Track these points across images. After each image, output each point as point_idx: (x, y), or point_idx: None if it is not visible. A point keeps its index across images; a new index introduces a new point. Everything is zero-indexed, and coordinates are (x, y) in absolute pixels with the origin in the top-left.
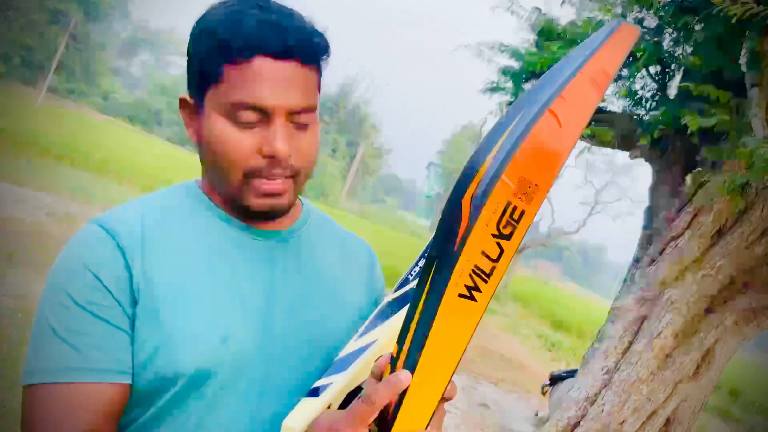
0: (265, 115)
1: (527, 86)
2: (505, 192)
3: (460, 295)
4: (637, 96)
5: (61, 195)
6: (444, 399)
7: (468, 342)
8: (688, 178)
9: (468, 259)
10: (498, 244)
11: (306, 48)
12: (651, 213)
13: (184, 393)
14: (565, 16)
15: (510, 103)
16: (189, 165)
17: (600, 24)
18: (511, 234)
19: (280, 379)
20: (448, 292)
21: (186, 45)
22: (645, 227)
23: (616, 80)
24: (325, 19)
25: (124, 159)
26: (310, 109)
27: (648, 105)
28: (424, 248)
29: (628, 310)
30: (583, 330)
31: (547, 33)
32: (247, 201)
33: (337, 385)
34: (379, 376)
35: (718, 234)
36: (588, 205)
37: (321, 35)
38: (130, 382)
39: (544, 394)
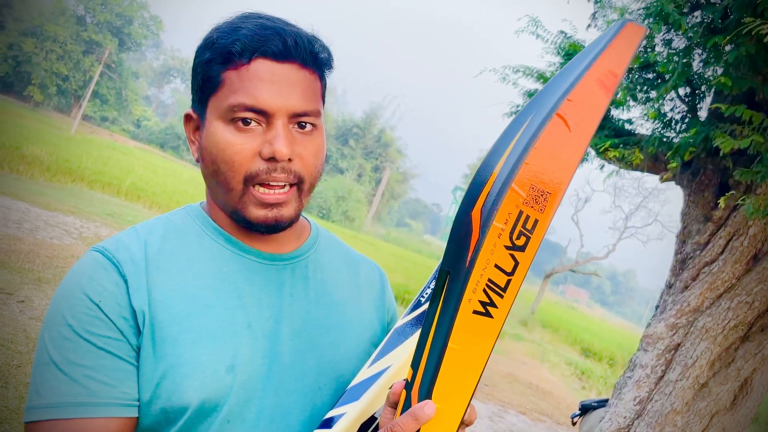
0: (265, 118)
1: None
2: (515, 201)
3: (475, 312)
4: (667, 118)
5: (92, 220)
6: (464, 424)
7: (486, 363)
8: (721, 202)
9: (481, 273)
10: (512, 255)
11: (305, 51)
12: (683, 238)
13: (189, 426)
14: (590, 38)
15: None
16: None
17: None
18: (525, 245)
19: (289, 409)
20: (463, 309)
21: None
22: (677, 253)
23: (644, 102)
24: (350, 46)
25: (154, 184)
26: (313, 114)
27: (678, 127)
28: (435, 268)
29: (660, 337)
30: (614, 357)
31: (573, 56)
32: (247, 212)
33: (350, 416)
34: (394, 404)
35: (754, 259)
36: (617, 230)
37: (322, 44)
38: (136, 415)
39: (574, 424)
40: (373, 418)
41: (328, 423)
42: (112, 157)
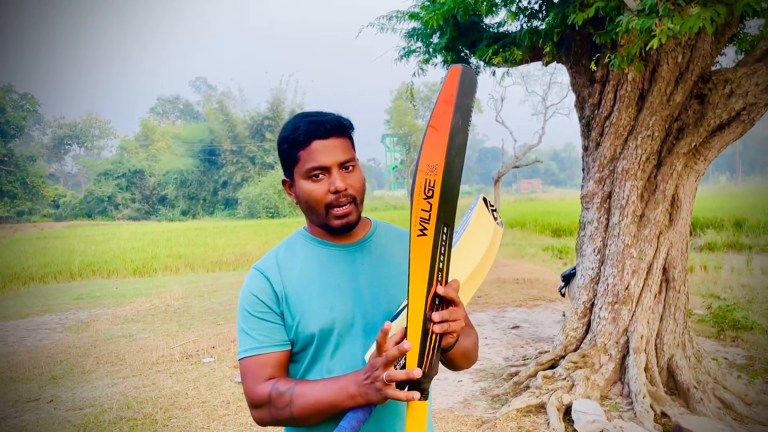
0: (326, 171)
1: (435, 39)
2: (422, 175)
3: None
4: (528, 11)
5: (66, 309)
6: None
7: (428, 266)
8: (592, 65)
9: (416, 208)
10: (428, 201)
11: (337, 128)
12: (580, 104)
13: (320, 343)
14: None
15: (427, 60)
16: (156, 234)
17: None
18: (433, 194)
19: (374, 325)
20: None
21: (102, 120)
22: (580, 119)
23: (507, 4)
24: (229, 49)
25: (101, 253)
26: (351, 160)
27: (540, 16)
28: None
29: (594, 193)
30: None
31: None
32: (331, 223)
33: (401, 314)
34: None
35: (641, 98)
36: (540, 114)
37: (345, 119)
38: (287, 348)
39: (563, 295)
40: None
41: (393, 318)
42: (48, 246)
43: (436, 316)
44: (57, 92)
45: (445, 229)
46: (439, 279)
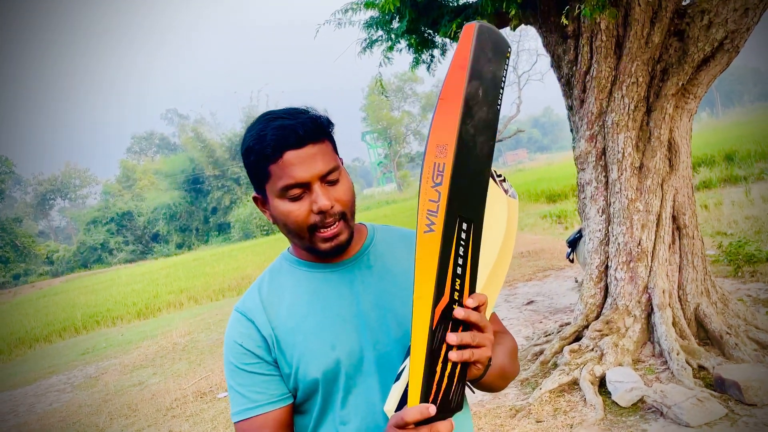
0: (305, 187)
1: (396, 24)
2: (431, 157)
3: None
4: None
5: (73, 366)
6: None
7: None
8: (563, 19)
9: (422, 203)
10: (436, 190)
11: (313, 131)
12: (557, 63)
13: (327, 390)
14: None
15: (391, 48)
16: (154, 273)
17: None
18: (441, 181)
19: (388, 355)
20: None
21: (80, 169)
22: (559, 78)
23: None
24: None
25: (103, 302)
26: (334, 169)
27: None
28: None
29: (587, 152)
30: (575, 187)
31: None
32: (318, 247)
33: (407, 368)
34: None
35: (618, 46)
36: (514, 83)
37: (321, 116)
38: (288, 402)
39: (572, 261)
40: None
41: (398, 377)
42: (48, 304)
43: (452, 338)
44: (30, 150)
45: (465, 225)
46: (459, 289)
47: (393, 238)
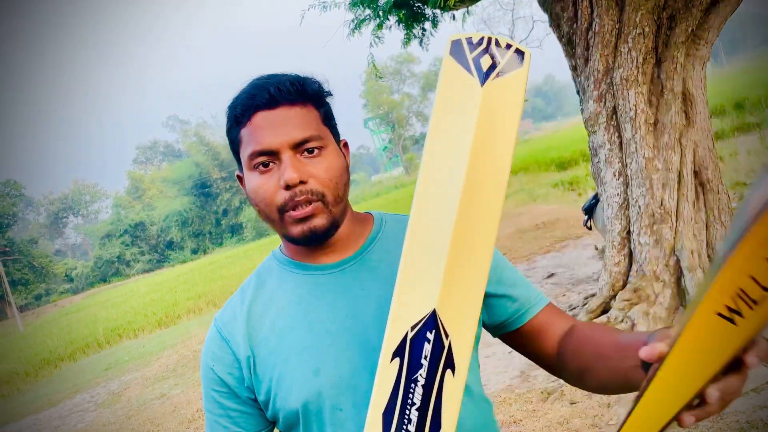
0: (274, 156)
1: (382, 2)
2: None
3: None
4: None
5: (96, 384)
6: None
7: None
8: None
9: (737, 274)
10: None
11: (289, 92)
12: (556, 22)
13: (309, 420)
14: None
15: (380, 26)
16: (172, 280)
17: None
18: None
19: None
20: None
21: (89, 185)
22: (560, 38)
23: None
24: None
25: (124, 314)
26: (314, 138)
27: None
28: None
29: (597, 113)
30: (585, 152)
31: None
32: (289, 232)
33: None
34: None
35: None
36: None
37: (309, 80)
38: None
39: (590, 228)
40: None
41: None
42: (71, 322)
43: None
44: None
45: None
46: None
47: (405, 230)
